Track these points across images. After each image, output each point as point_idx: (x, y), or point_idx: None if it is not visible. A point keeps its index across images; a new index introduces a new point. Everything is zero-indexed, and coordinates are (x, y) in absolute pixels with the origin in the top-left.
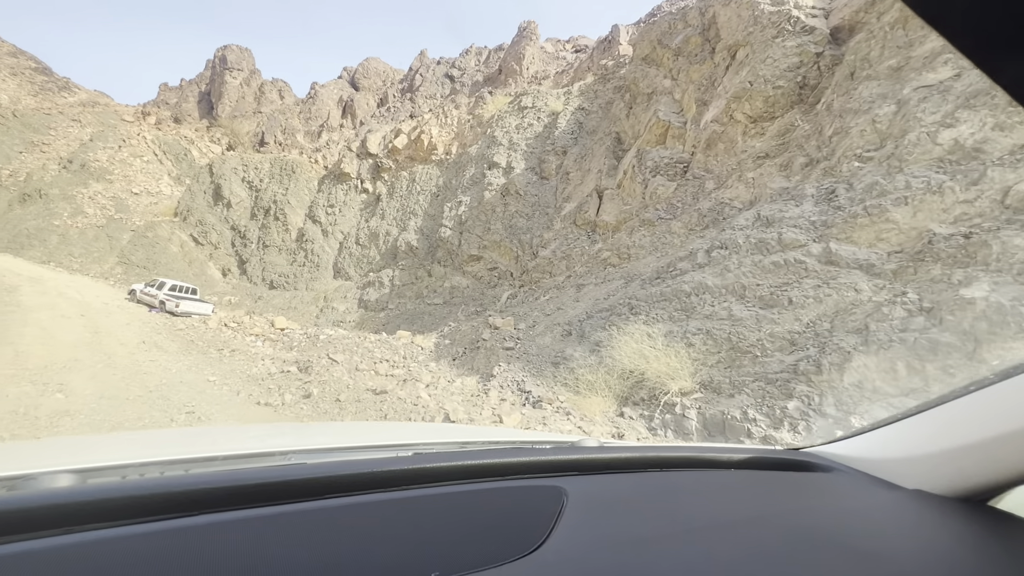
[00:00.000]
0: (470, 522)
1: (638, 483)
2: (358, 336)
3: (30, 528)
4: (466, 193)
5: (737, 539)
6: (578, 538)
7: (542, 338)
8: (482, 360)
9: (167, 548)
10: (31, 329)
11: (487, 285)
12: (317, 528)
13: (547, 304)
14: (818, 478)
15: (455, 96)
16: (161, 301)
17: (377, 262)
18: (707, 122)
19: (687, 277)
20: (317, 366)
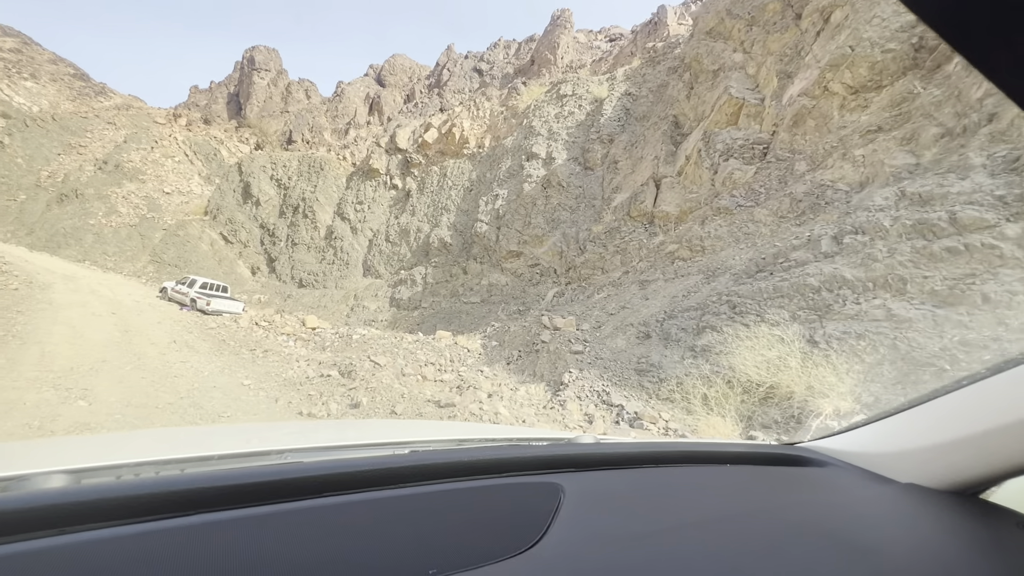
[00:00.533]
0: (467, 519)
1: (634, 479)
2: (394, 336)
3: (24, 529)
4: (503, 186)
5: (733, 533)
6: (575, 534)
7: (613, 340)
8: (545, 364)
9: (163, 548)
10: (60, 328)
11: (528, 282)
12: (313, 527)
13: (605, 303)
14: (812, 472)
15: (485, 89)
16: (192, 299)
17: (408, 259)
18: (793, 97)
19: (810, 269)
20: (360, 370)
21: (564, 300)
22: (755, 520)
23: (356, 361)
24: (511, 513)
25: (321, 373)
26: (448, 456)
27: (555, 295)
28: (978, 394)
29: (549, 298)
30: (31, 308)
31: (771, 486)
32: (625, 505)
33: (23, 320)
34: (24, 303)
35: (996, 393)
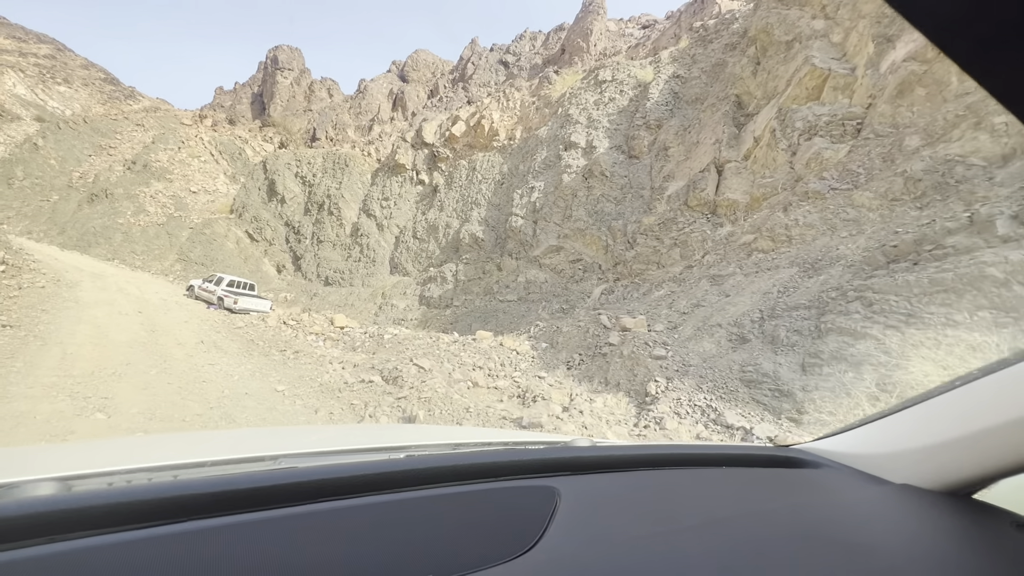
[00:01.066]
0: (463, 523)
1: (630, 482)
2: (429, 337)
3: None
4: (538, 178)
5: (728, 536)
6: (571, 538)
7: (698, 344)
8: (620, 371)
9: (155, 556)
10: (84, 327)
11: (570, 279)
12: (308, 532)
13: (672, 300)
14: (807, 474)
15: (513, 81)
16: (219, 297)
17: (437, 256)
18: (896, 63)
19: (985, 256)
20: (406, 375)
21: (615, 298)
22: (751, 522)
23: (398, 365)
24: (507, 517)
25: (361, 378)
26: (444, 460)
27: (603, 292)
28: (971, 395)
29: (596, 296)
30: (57, 307)
31: (766, 488)
32: (621, 508)
33: (47, 319)
34: (50, 301)
35: (989, 394)
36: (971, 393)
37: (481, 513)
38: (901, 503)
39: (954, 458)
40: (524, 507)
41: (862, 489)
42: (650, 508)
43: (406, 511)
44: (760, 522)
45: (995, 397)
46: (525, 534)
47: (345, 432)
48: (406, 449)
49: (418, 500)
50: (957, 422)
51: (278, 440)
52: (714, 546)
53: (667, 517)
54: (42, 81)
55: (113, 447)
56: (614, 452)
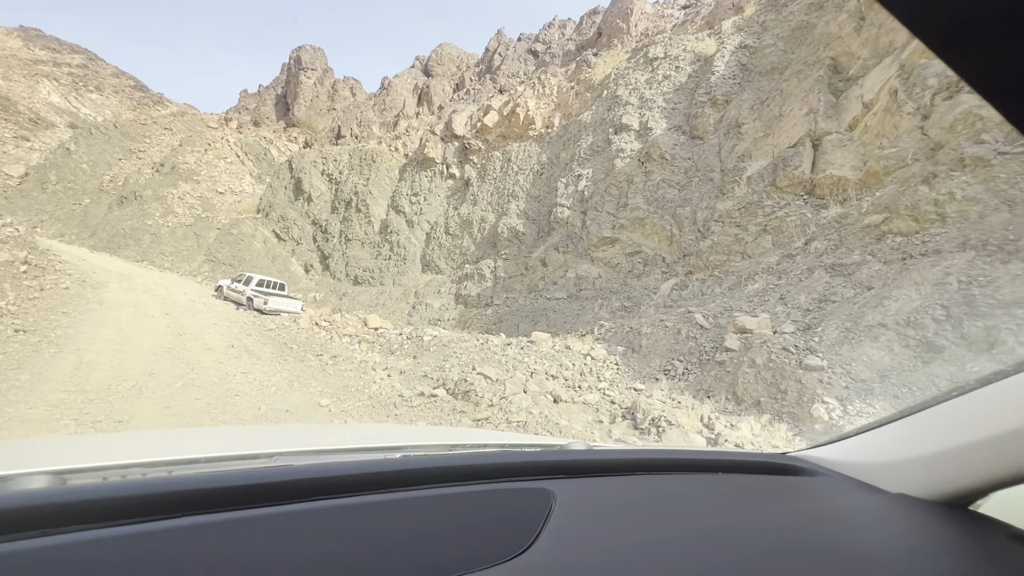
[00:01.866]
0: (458, 525)
1: (626, 486)
2: (476, 339)
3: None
4: (585, 165)
5: (724, 542)
6: (566, 541)
7: (855, 350)
8: (756, 386)
9: (149, 551)
10: (106, 331)
11: (629, 273)
12: (302, 530)
13: (781, 294)
14: (803, 482)
15: (545, 69)
16: (249, 298)
17: (473, 252)
18: None
19: None
20: (477, 388)
21: (689, 293)
22: (746, 528)
23: (461, 374)
24: (501, 519)
25: (419, 390)
26: (439, 461)
27: (674, 288)
28: (968, 405)
29: (666, 291)
30: (79, 308)
31: (762, 495)
32: (616, 512)
33: (66, 323)
34: (72, 303)
35: (985, 404)
36: (968, 403)
37: (476, 514)
38: (896, 513)
39: (950, 468)
40: (519, 509)
41: (857, 498)
42: (644, 513)
43: (401, 511)
44: (754, 529)
45: (992, 408)
46: (519, 536)
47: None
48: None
49: (413, 500)
50: (954, 432)
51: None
52: (707, 552)
53: (661, 522)
54: (75, 89)
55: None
56: (610, 456)
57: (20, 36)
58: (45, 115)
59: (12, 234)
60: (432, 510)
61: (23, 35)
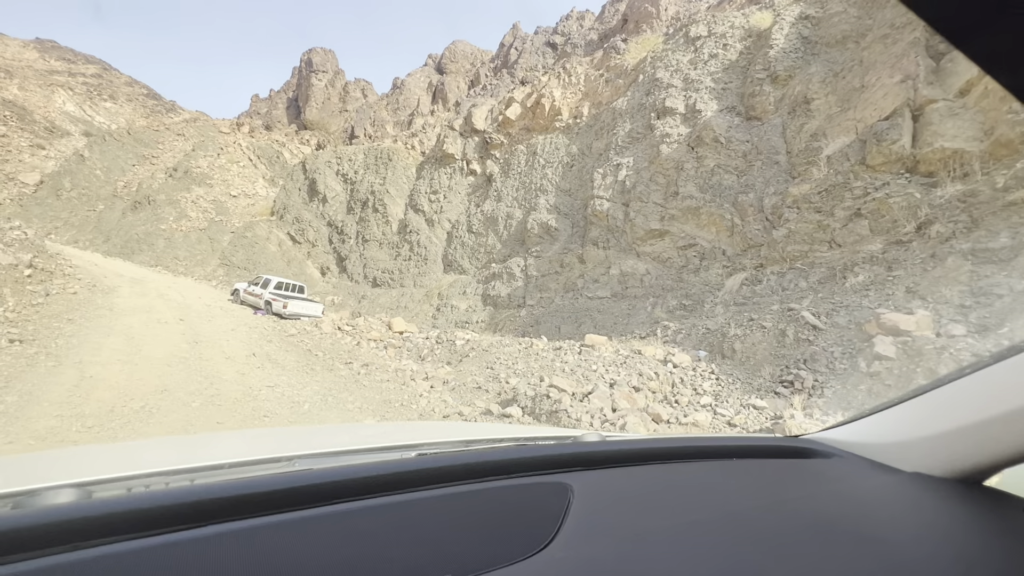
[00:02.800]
0: (478, 522)
1: (642, 476)
2: (518, 343)
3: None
4: (624, 154)
5: (742, 527)
6: (586, 534)
7: None
8: None
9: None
10: (115, 340)
11: (684, 268)
12: (325, 534)
13: (910, 287)
14: (818, 464)
15: (567, 59)
16: (267, 301)
17: (499, 251)
18: None
19: None
20: (565, 405)
21: (766, 288)
22: (764, 513)
23: (533, 386)
24: (521, 514)
25: (483, 407)
26: (456, 459)
27: (744, 283)
28: (981, 382)
29: (734, 287)
30: (87, 315)
31: (778, 479)
32: (634, 503)
33: (70, 331)
34: (80, 309)
35: (999, 380)
36: (982, 380)
37: (495, 511)
38: (912, 491)
39: (965, 446)
40: (538, 504)
41: (873, 478)
42: (663, 502)
43: (420, 511)
44: (772, 513)
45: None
46: (540, 531)
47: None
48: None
49: (432, 500)
50: (968, 409)
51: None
52: (728, 538)
53: (680, 510)
54: (89, 98)
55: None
56: (625, 446)
57: (36, 48)
58: (60, 124)
59: (19, 237)
60: (450, 509)
61: (39, 47)
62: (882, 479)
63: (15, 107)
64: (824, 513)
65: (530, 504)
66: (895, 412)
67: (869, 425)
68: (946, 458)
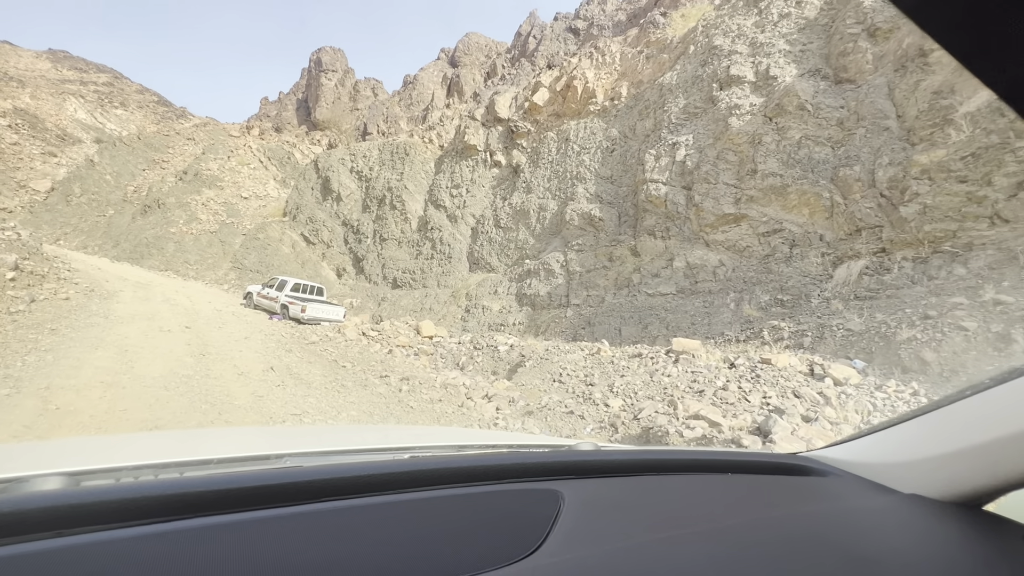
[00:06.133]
0: (466, 525)
1: (635, 487)
2: (581, 349)
3: (22, 531)
4: (681, 132)
5: (734, 543)
6: (574, 541)
7: None
8: None
9: (160, 551)
10: (103, 355)
11: (769, 258)
12: (312, 532)
13: None
14: (815, 482)
15: (594, 43)
16: (283, 305)
17: (533, 246)
18: None
19: None
20: None
21: (899, 278)
22: (757, 530)
23: (669, 420)
24: (510, 520)
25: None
26: (448, 462)
27: (864, 271)
28: (982, 404)
29: (850, 277)
30: (75, 324)
31: (773, 496)
32: (625, 513)
33: (49, 344)
34: (68, 317)
35: (1000, 403)
36: (982, 403)
37: (485, 515)
38: (909, 513)
39: (964, 469)
40: (527, 510)
41: (869, 498)
42: (654, 513)
43: (409, 512)
44: (765, 530)
45: (1007, 407)
46: (528, 537)
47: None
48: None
49: (422, 501)
50: (968, 432)
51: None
52: (718, 553)
53: (671, 523)
54: (100, 105)
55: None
56: (619, 456)
57: (48, 58)
58: (72, 131)
59: (10, 237)
60: (441, 511)
61: (51, 57)
62: (878, 500)
63: (27, 115)
64: (817, 532)
65: (520, 510)
66: (894, 432)
67: (867, 445)
68: (944, 480)
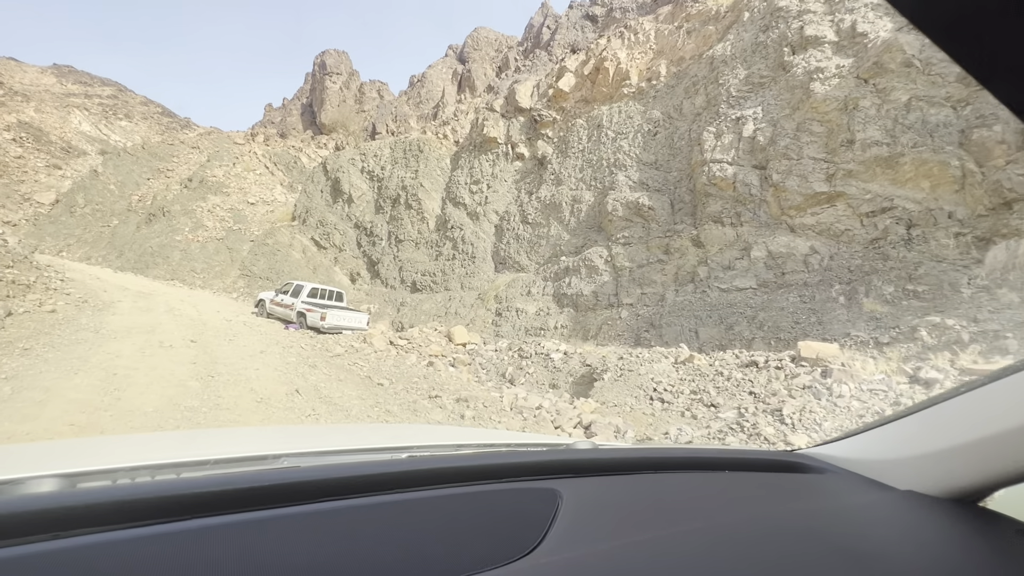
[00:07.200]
0: (465, 525)
1: (632, 485)
2: (664, 357)
3: (18, 533)
4: (744, 105)
5: (731, 540)
6: (572, 540)
7: None
8: None
9: (157, 553)
10: (85, 380)
11: (880, 241)
12: (309, 532)
13: None
14: (811, 479)
15: (622, 22)
16: (300, 313)
17: (568, 241)
18: None
19: None
20: None
21: None
22: (754, 527)
23: None
24: (508, 518)
25: None
26: (446, 461)
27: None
28: (977, 401)
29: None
30: (58, 341)
31: (770, 493)
32: (623, 511)
33: (13, 368)
34: (50, 333)
35: (994, 400)
36: (978, 399)
37: (482, 514)
38: (905, 510)
39: (960, 465)
40: (525, 509)
41: (866, 495)
42: (652, 511)
43: (407, 512)
44: (762, 527)
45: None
46: (526, 536)
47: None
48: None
49: (419, 501)
50: (963, 428)
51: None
52: (715, 550)
53: (669, 521)
54: (105, 118)
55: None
56: (616, 455)
57: (53, 73)
58: (76, 143)
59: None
60: (438, 510)
61: (56, 72)
62: (875, 496)
63: (31, 129)
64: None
65: (518, 509)
66: (890, 429)
67: (863, 441)
68: (940, 477)
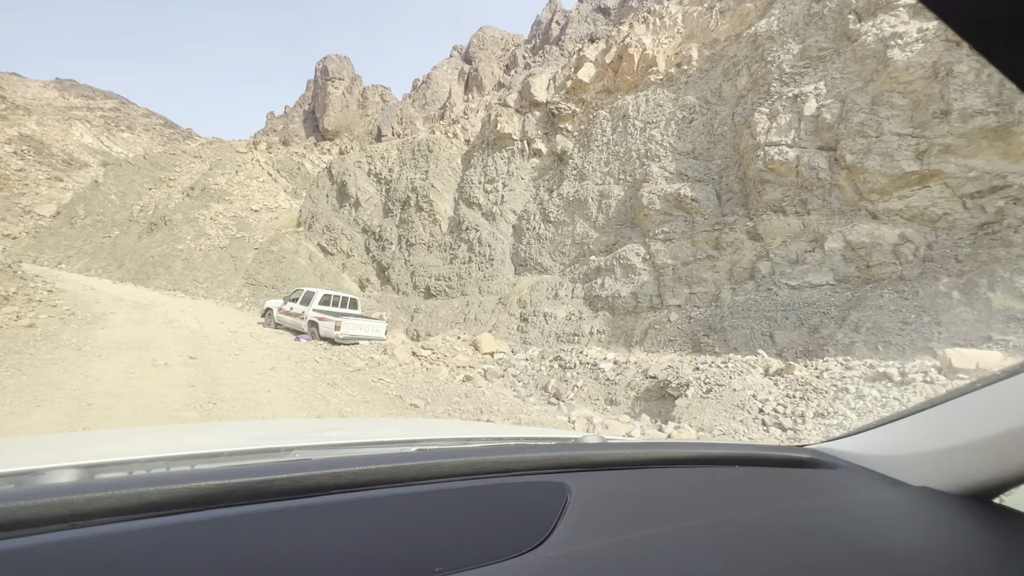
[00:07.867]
0: (473, 518)
1: (642, 480)
2: (753, 368)
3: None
4: (802, 82)
5: (742, 536)
6: (580, 535)
7: None
8: None
9: (172, 543)
10: (48, 415)
11: (992, 225)
12: (320, 524)
13: None
14: (823, 475)
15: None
16: (311, 322)
17: (597, 239)
18: None
19: None
20: None
21: None
22: (765, 522)
23: None
24: (517, 512)
25: None
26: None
27: None
28: (993, 396)
29: None
30: (28, 362)
31: (780, 488)
32: (632, 506)
33: None
34: (21, 352)
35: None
36: (994, 394)
37: (491, 508)
38: (919, 506)
39: (975, 461)
40: (534, 503)
41: (879, 491)
42: (661, 506)
43: (417, 505)
44: (773, 522)
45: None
46: (535, 530)
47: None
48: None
49: (429, 494)
50: (979, 424)
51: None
52: (725, 545)
53: (678, 515)
54: (107, 130)
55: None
56: (625, 450)
57: (56, 87)
58: (78, 156)
59: None
60: (447, 504)
61: (58, 86)
62: (888, 492)
63: (33, 141)
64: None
65: (526, 503)
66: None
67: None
68: (955, 473)
